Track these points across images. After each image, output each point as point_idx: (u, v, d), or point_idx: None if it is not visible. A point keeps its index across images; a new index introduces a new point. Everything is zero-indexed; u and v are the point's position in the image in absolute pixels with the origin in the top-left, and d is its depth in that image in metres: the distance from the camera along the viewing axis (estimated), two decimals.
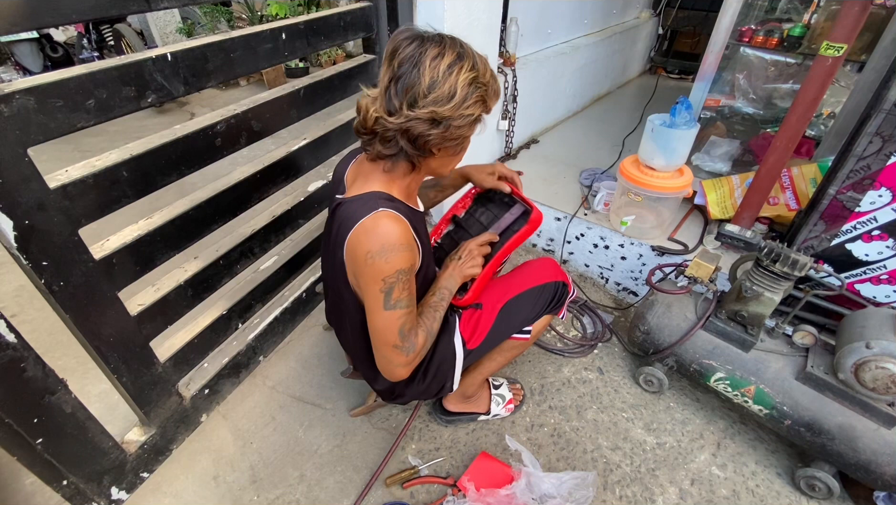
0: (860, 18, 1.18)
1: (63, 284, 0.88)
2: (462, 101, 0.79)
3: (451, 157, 0.92)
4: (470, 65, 0.79)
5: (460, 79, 0.78)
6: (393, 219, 0.83)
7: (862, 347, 1.02)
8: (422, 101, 0.78)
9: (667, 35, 3.56)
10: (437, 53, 0.77)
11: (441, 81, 0.77)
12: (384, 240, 0.81)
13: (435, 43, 0.78)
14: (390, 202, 0.86)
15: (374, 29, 1.56)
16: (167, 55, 0.95)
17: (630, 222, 1.69)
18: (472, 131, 0.87)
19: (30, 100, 0.77)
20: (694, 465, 1.29)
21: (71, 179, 0.87)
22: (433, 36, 0.80)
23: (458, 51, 0.79)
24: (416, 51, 0.77)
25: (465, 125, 0.82)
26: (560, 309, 1.21)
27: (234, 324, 1.41)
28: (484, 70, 0.83)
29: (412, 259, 0.85)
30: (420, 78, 0.77)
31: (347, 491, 1.21)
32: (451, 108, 0.78)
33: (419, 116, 0.78)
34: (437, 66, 0.77)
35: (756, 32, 1.76)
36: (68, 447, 0.97)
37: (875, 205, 1.20)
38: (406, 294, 0.86)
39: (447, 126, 0.80)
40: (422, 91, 0.77)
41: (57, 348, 1.47)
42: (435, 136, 0.80)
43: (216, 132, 1.12)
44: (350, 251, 0.86)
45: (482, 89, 0.82)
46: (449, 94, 0.78)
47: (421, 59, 0.77)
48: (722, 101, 1.97)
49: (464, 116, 0.81)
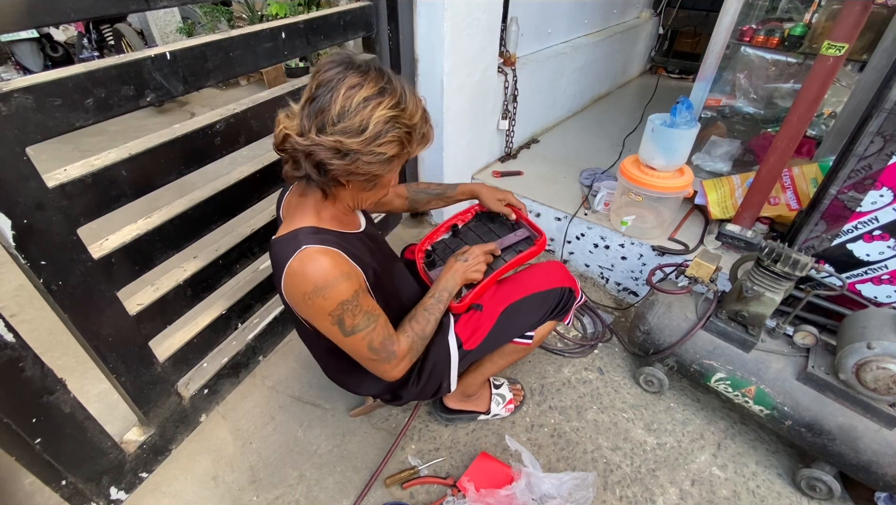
0: (861, 18, 1.17)
1: (62, 283, 0.88)
2: (373, 138, 0.75)
3: (365, 191, 0.88)
4: (392, 102, 0.75)
5: (376, 114, 0.74)
6: (320, 254, 0.80)
7: (863, 347, 1.02)
8: (330, 129, 0.74)
9: (667, 35, 3.56)
10: (355, 83, 0.74)
11: (352, 112, 0.73)
12: (315, 279, 0.79)
13: (359, 72, 0.75)
14: (316, 234, 0.83)
15: (374, 28, 1.56)
16: (166, 54, 0.95)
17: (630, 222, 1.68)
18: (385, 171, 0.81)
19: (28, 99, 0.76)
20: (694, 465, 1.29)
21: (69, 179, 0.87)
22: (361, 65, 0.76)
23: (382, 86, 0.75)
24: (336, 76, 0.74)
25: (374, 162, 0.78)
26: (566, 315, 1.18)
27: (234, 324, 1.40)
28: (413, 112, 0.79)
29: (354, 285, 0.83)
30: (331, 104, 0.73)
31: (347, 491, 1.21)
32: (359, 142, 0.74)
33: (323, 143, 0.74)
34: (351, 95, 0.73)
35: (757, 32, 1.75)
36: (67, 447, 0.97)
37: (876, 205, 1.20)
38: (361, 317, 0.85)
39: (354, 159, 0.76)
40: (331, 118, 0.74)
41: (56, 348, 1.47)
42: (338, 166, 0.76)
43: (215, 131, 1.12)
44: (288, 296, 0.85)
45: (401, 130, 0.77)
46: (359, 128, 0.74)
47: (337, 85, 0.74)
48: (723, 100, 1.96)
49: (374, 153, 0.76)
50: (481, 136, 2.08)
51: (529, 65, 2.19)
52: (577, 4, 2.59)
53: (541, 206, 1.93)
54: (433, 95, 1.73)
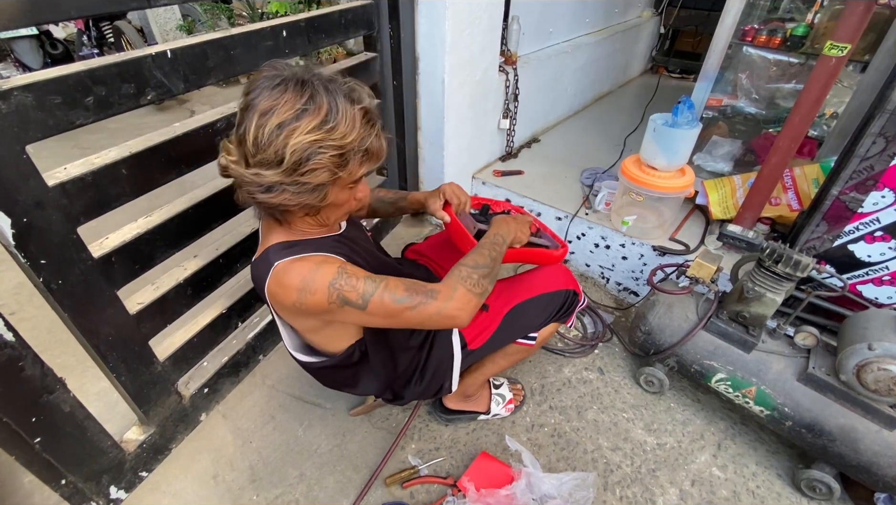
0: (864, 18, 1.17)
1: (61, 282, 0.88)
2: (293, 168, 0.67)
3: (314, 215, 0.80)
4: (313, 124, 0.66)
5: (291, 141, 0.65)
6: (290, 264, 0.76)
7: (864, 348, 1.02)
8: (251, 160, 0.68)
9: (668, 34, 3.55)
10: (268, 108, 0.65)
11: (266, 143, 0.66)
12: (294, 284, 0.75)
13: (276, 93, 0.66)
14: (287, 249, 0.79)
15: (375, 27, 1.56)
16: (167, 52, 0.95)
17: (631, 222, 1.68)
18: (319, 199, 0.73)
19: (28, 97, 0.76)
20: (694, 465, 1.29)
21: (69, 177, 0.86)
22: (281, 81, 0.67)
23: (302, 106, 0.66)
24: (254, 98, 0.67)
25: (304, 192, 0.70)
26: (568, 318, 1.17)
27: (234, 323, 1.40)
28: (346, 130, 0.68)
29: (334, 265, 0.77)
30: (247, 135, 0.67)
31: (347, 491, 1.21)
32: (279, 174, 0.67)
33: (244, 176, 0.69)
34: (263, 124, 0.65)
35: (759, 32, 1.75)
36: (67, 446, 0.97)
37: (878, 206, 1.20)
38: (362, 282, 0.77)
39: (279, 192, 0.69)
40: (248, 150, 0.67)
41: (56, 346, 1.47)
42: (264, 199, 0.70)
43: (216, 130, 1.12)
44: (282, 313, 0.84)
45: (328, 154, 0.67)
46: (275, 159, 0.66)
47: (251, 112, 0.66)
48: (724, 100, 1.96)
49: (298, 184, 0.69)
50: (482, 136, 2.08)
51: (531, 64, 2.18)
52: (579, 3, 2.58)
53: (541, 206, 1.93)
54: (434, 94, 1.73)
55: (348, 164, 0.72)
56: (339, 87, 0.70)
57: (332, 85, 0.70)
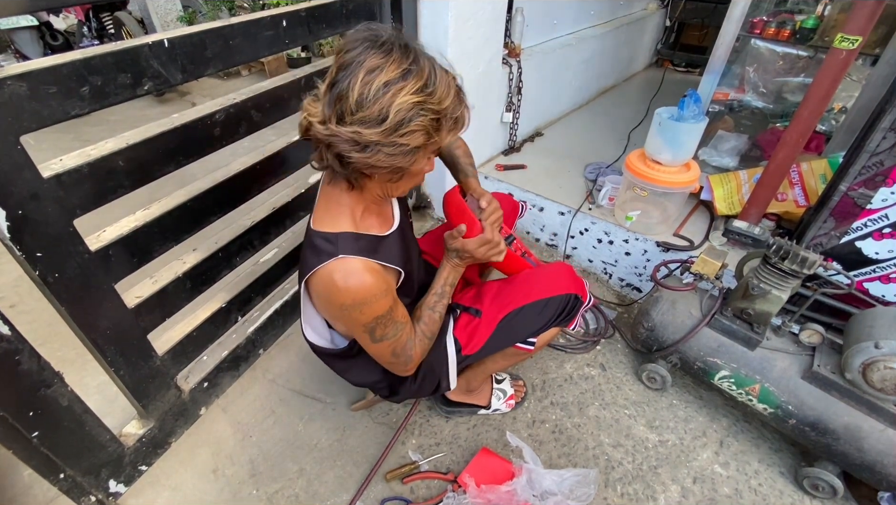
0: (876, 10, 1.15)
1: (58, 275, 0.87)
2: (394, 128, 0.67)
3: (391, 182, 0.81)
4: (417, 85, 0.67)
5: (397, 101, 0.66)
6: (362, 270, 0.78)
7: (871, 346, 1.00)
8: (348, 118, 0.67)
9: (674, 27, 3.50)
10: (375, 66, 0.66)
11: (371, 100, 0.66)
12: (355, 295, 0.78)
13: (381, 52, 0.67)
14: (355, 242, 0.80)
15: (377, 17, 1.53)
16: (164, 41, 0.93)
17: (635, 217, 1.66)
18: (409, 163, 0.73)
19: (22, 86, 0.74)
20: (696, 463, 1.28)
21: (65, 169, 0.85)
22: (385, 41, 0.68)
23: (407, 67, 0.67)
24: (356, 57, 0.67)
25: (397, 154, 0.70)
26: (570, 321, 1.10)
27: (234, 317, 1.39)
28: (442, 95, 0.70)
29: (389, 301, 0.83)
30: (349, 91, 0.66)
31: (347, 485, 1.21)
32: (378, 133, 0.67)
33: (339, 134, 0.68)
34: (370, 81, 0.66)
35: (768, 24, 1.72)
36: (65, 440, 0.96)
37: (887, 202, 1.18)
38: (391, 328, 0.85)
39: (374, 152, 0.69)
40: (349, 107, 0.67)
41: (56, 339, 1.46)
42: (357, 159, 0.70)
43: (215, 121, 1.10)
44: (318, 297, 0.84)
45: (428, 117, 0.69)
46: (378, 117, 0.67)
47: (356, 69, 0.66)
48: (731, 94, 1.93)
49: (396, 145, 0.69)
50: (485, 129, 2.05)
51: (534, 56, 2.15)
52: None
53: (545, 201, 1.91)
54: None
55: (441, 129, 0.73)
56: (434, 57, 0.73)
57: (426, 54, 0.72)
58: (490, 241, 0.93)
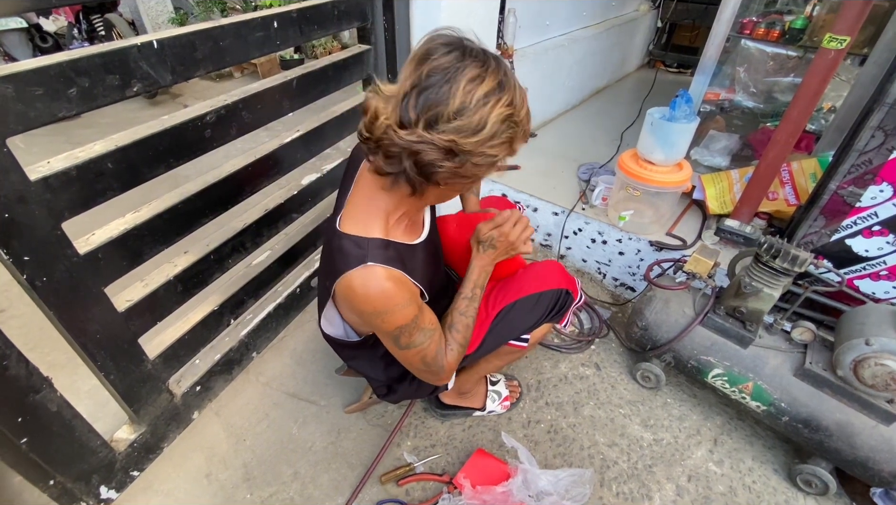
0: (864, 10, 1.16)
1: (46, 279, 0.86)
2: (489, 138, 0.67)
3: (455, 190, 0.81)
4: (509, 99, 0.68)
5: (494, 112, 0.66)
6: (385, 278, 0.76)
7: (861, 343, 1.01)
8: (443, 125, 0.65)
9: (665, 28, 3.52)
10: (476, 75, 0.65)
11: (473, 109, 0.65)
12: (377, 303, 0.77)
13: (477, 62, 0.66)
14: (384, 250, 0.78)
15: (369, 18, 1.53)
16: (153, 42, 0.92)
17: (628, 217, 1.67)
18: (487, 173, 0.75)
19: (8, 88, 0.74)
20: (691, 461, 1.29)
21: (53, 171, 0.84)
22: (476, 51, 0.68)
23: (501, 79, 0.67)
24: (453, 63, 0.65)
25: (483, 165, 0.70)
26: (562, 317, 1.12)
27: (226, 320, 1.38)
28: (521, 107, 0.71)
29: (414, 309, 0.81)
30: (450, 98, 0.64)
31: (342, 488, 1.20)
32: (474, 143, 0.67)
33: (434, 141, 0.65)
34: (472, 90, 0.65)
35: (757, 25, 1.73)
36: (54, 446, 0.95)
37: (876, 200, 1.19)
38: (417, 335, 0.83)
39: (463, 161, 0.68)
40: (447, 113, 0.65)
41: (46, 344, 1.44)
42: (446, 168, 0.68)
43: (206, 123, 1.09)
44: (340, 301, 0.84)
45: (514, 130, 0.70)
46: (477, 127, 0.66)
47: (456, 76, 0.65)
48: (722, 94, 1.95)
49: (485, 155, 0.69)
50: None
51: (527, 57, 2.16)
52: None
53: (538, 201, 1.92)
54: None
55: (517, 141, 0.74)
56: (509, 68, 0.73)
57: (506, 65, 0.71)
58: (521, 219, 0.93)
